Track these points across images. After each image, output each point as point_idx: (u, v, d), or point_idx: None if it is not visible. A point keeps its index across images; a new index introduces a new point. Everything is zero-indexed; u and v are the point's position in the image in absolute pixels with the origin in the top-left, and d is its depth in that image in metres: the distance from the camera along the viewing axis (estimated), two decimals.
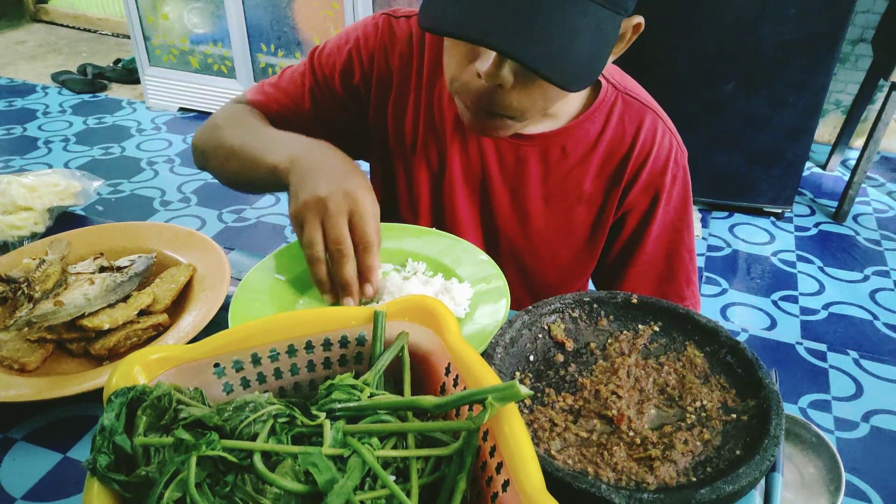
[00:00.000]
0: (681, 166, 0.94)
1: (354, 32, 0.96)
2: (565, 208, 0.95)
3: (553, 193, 0.94)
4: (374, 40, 0.94)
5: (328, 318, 0.56)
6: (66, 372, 0.73)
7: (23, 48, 4.40)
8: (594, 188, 0.94)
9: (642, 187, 0.93)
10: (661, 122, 0.93)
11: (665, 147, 0.92)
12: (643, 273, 0.96)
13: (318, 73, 0.97)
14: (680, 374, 0.64)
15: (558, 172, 0.93)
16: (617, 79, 0.94)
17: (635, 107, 0.92)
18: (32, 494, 0.61)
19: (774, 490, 0.60)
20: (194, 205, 2.70)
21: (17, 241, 0.98)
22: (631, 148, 0.91)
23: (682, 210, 0.95)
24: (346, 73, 0.96)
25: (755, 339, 2.08)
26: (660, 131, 0.92)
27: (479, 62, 0.72)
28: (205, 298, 0.81)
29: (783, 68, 2.42)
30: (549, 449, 0.56)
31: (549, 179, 0.93)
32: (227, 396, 0.53)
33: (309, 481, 0.43)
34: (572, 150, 0.92)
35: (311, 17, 2.99)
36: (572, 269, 1.00)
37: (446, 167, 0.96)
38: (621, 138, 0.92)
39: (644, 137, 0.91)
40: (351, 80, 0.96)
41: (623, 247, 0.97)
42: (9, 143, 3.12)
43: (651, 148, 0.91)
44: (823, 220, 2.74)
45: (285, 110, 0.99)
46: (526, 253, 0.99)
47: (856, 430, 1.75)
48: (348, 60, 0.95)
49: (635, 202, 0.94)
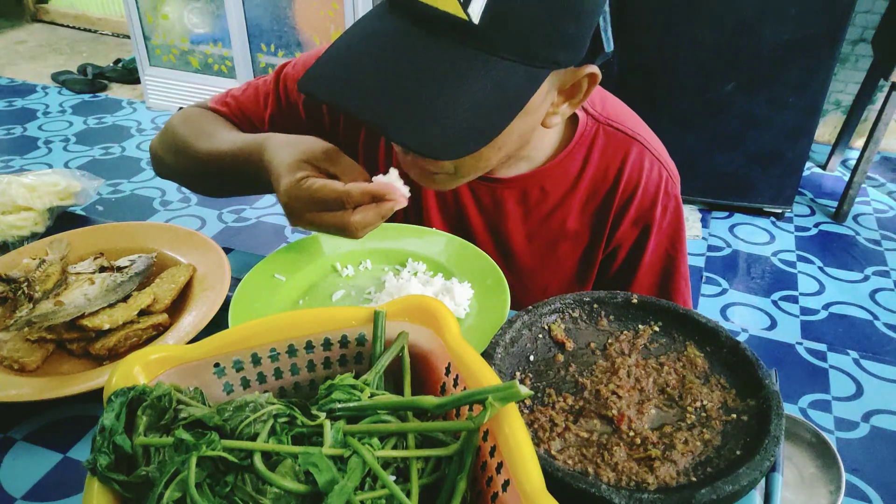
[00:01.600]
0: (672, 196, 0.90)
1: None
2: (550, 245, 0.92)
3: (535, 232, 0.92)
4: None
5: (328, 318, 0.56)
6: (66, 372, 0.73)
7: (23, 48, 4.40)
8: (579, 225, 0.91)
9: (631, 222, 0.89)
10: (649, 152, 0.88)
11: (654, 180, 0.88)
12: None
13: (283, 100, 0.94)
14: (680, 374, 0.64)
15: (539, 212, 0.90)
16: (598, 108, 0.89)
17: (618, 139, 0.88)
18: (32, 494, 0.61)
19: (774, 490, 0.60)
20: (194, 205, 2.70)
21: (17, 241, 0.98)
22: (616, 183, 0.88)
23: (675, 238, 0.92)
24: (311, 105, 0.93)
25: (755, 339, 2.08)
26: (647, 163, 0.88)
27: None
28: (205, 298, 0.81)
29: (783, 68, 2.42)
30: (549, 449, 0.56)
31: (530, 219, 0.91)
32: (227, 396, 0.53)
33: (309, 481, 0.43)
34: (552, 190, 0.89)
35: (311, 17, 2.99)
36: None
37: (423, 210, 0.94)
38: (604, 174, 0.88)
39: (630, 171, 0.87)
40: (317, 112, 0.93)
41: (615, 278, 0.94)
42: (9, 143, 3.12)
43: (638, 181, 0.87)
44: (823, 220, 2.74)
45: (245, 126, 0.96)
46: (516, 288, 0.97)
47: (856, 430, 1.74)
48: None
49: (625, 237, 0.90)
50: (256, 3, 3.02)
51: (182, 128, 0.93)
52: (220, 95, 1.00)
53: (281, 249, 0.85)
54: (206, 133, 0.90)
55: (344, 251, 0.87)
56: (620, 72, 2.39)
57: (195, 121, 0.94)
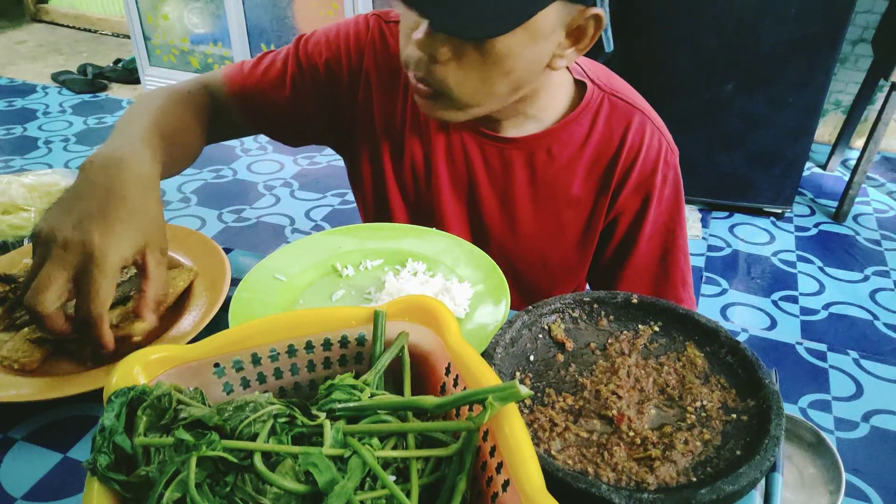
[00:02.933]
0: (671, 166, 0.93)
1: (345, 27, 0.95)
2: (554, 211, 0.94)
3: (541, 196, 0.94)
4: (365, 37, 0.94)
5: (328, 318, 0.56)
6: (66, 372, 0.73)
7: (23, 48, 4.41)
8: (583, 191, 0.93)
9: (632, 189, 0.92)
10: (650, 121, 0.92)
11: (654, 147, 0.91)
12: (638, 275, 0.95)
13: (304, 62, 0.95)
14: (680, 374, 0.64)
15: (545, 175, 0.92)
16: (603, 80, 0.93)
17: (622, 108, 0.91)
18: (32, 494, 0.61)
19: (774, 490, 0.60)
20: (194, 205, 2.70)
21: (17, 241, 0.98)
22: (619, 150, 0.91)
23: (675, 211, 0.94)
24: (332, 64, 0.95)
25: (755, 339, 2.08)
26: (648, 131, 0.91)
27: (415, 31, 0.74)
28: (205, 298, 0.81)
29: (783, 68, 2.42)
30: (549, 449, 0.56)
31: (537, 182, 0.93)
32: (227, 396, 0.53)
33: (309, 481, 0.43)
34: (558, 154, 0.91)
35: (311, 17, 2.99)
36: (563, 272, 1.00)
37: (432, 170, 0.95)
38: (609, 140, 0.91)
39: (632, 139, 0.90)
40: (336, 72, 0.95)
41: (616, 249, 0.96)
42: (9, 143, 3.12)
43: (640, 149, 0.90)
44: (823, 220, 2.74)
45: (261, 94, 0.96)
46: (515, 256, 0.98)
47: (856, 430, 1.74)
48: (336, 53, 0.95)
49: (626, 205, 0.93)
50: (256, 3, 3.03)
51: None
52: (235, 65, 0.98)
53: (281, 249, 0.85)
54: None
55: (344, 251, 0.87)
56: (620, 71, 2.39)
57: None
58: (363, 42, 0.94)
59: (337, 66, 0.95)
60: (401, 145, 0.96)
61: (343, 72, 0.96)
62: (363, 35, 0.94)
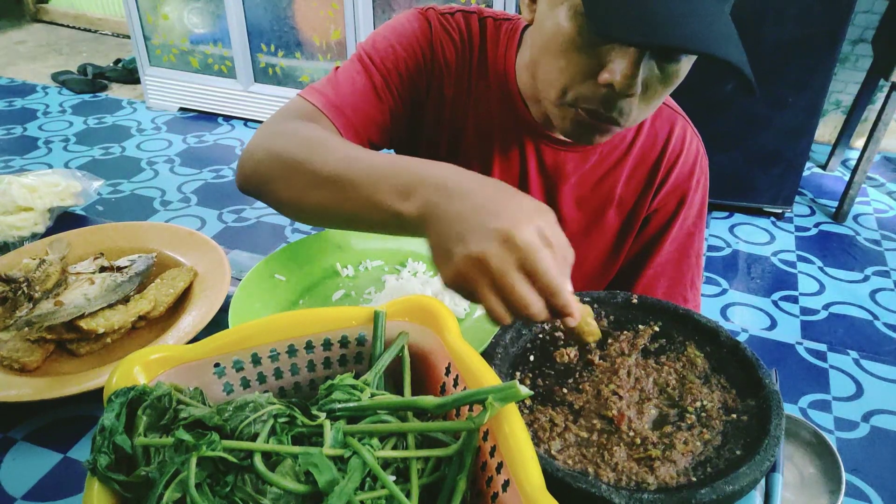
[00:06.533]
0: (704, 172, 0.97)
1: (408, 25, 0.89)
2: (597, 211, 0.96)
3: (586, 197, 0.95)
4: (433, 33, 0.89)
5: (328, 318, 0.56)
6: (66, 372, 0.73)
7: (23, 48, 4.40)
8: (625, 191, 0.95)
9: (670, 190, 0.94)
10: (690, 128, 0.95)
11: (692, 153, 0.95)
12: (657, 275, 0.97)
13: (381, 69, 0.87)
14: (680, 374, 0.64)
15: (593, 176, 0.94)
16: None
17: (666, 112, 0.94)
18: (32, 494, 0.61)
19: (774, 490, 0.59)
20: (194, 205, 2.70)
21: (17, 241, 0.98)
22: (663, 152, 0.93)
23: (699, 216, 0.97)
24: (410, 65, 0.88)
25: (755, 339, 2.08)
26: (688, 137, 0.94)
27: (609, 72, 0.69)
28: (205, 298, 0.81)
29: (783, 68, 2.42)
30: (549, 449, 0.56)
31: (584, 184, 0.94)
32: (227, 396, 0.53)
33: (309, 482, 0.43)
34: (608, 154, 0.93)
35: (311, 17, 2.99)
36: (597, 272, 1.01)
37: (490, 172, 0.93)
38: (653, 142, 0.93)
39: (675, 142, 0.93)
40: (413, 73, 0.89)
41: (641, 249, 0.98)
42: (9, 143, 3.12)
43: (680, 152, 0.94)
44: (823, 220, 2.74)
45: (357, 114, 0.85)
46: None
47: (856, 430, 1.74)
48: (410, 54, 0.89)
49: (662, 204, 0.95)
50: (256, 3, 3.02)
51: (305, 152, 0.72)
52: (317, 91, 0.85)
53: (281, 249, 0.85)
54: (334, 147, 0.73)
55: (344, 251, 0.87)
56: None
57: (320, 142, 0.73)
58: (436, 38, 0.89)
59: (415, 67, 0.89)
60: (460, 141, 0.93)
61: (422, 70, 0.90)
62: (436, 31, 0.89)
